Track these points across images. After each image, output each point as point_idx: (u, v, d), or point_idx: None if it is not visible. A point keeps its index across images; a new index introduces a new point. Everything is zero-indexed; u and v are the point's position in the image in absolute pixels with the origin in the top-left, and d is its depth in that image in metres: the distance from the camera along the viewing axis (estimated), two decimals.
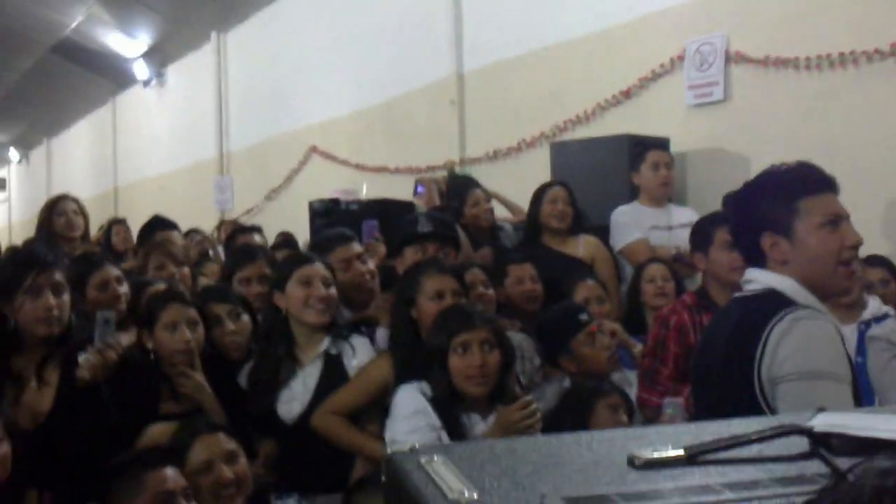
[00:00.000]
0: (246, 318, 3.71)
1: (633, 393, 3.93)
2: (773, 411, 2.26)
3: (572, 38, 7.29)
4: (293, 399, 3.48)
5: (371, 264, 4.02)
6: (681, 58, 6.39)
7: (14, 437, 2.86)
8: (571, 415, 3.45)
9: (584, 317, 3.92)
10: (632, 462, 1.16)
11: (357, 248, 3.99)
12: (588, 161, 6.18)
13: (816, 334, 2.31)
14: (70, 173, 19.42)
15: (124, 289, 3.91)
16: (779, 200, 2.42)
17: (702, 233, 3.96)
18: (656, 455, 1.16)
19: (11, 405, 3.12)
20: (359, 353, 3.53)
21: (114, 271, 3.95)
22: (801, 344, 2.27)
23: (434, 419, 3.06)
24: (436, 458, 1.18)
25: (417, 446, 1.23)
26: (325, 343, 3.53)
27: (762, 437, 1.23)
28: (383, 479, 1.24)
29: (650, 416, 3.87)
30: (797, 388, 2.24)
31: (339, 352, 3.54)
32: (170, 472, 2.69)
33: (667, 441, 1.21)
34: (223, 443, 2.93)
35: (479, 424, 3.11)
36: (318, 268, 3.58)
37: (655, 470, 1.14)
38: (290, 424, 3.47)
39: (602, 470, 1.16)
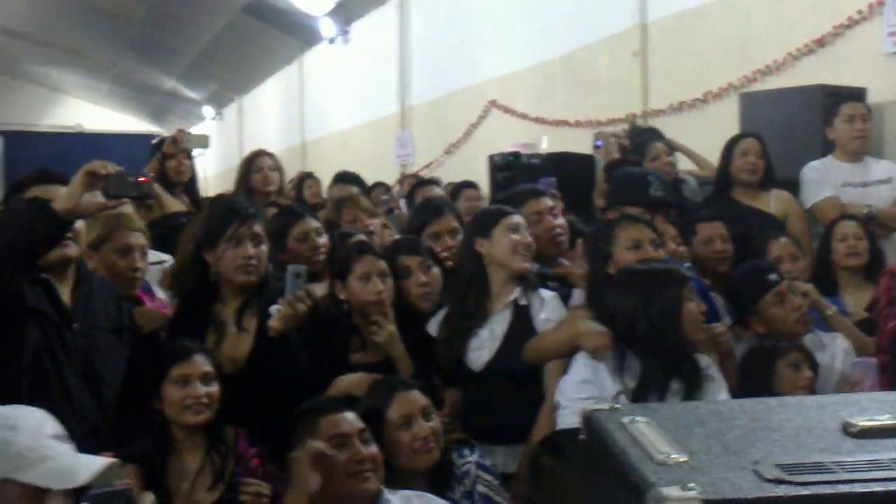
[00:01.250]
0: (436, 270, 3.74)
1: (826, 355, 3.77)
2: None
3: None
4: (481, 347, 3.51)
5: (561, 219, 4.00)
6: (880, 2, 6.04)
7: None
8: (752, 377, 3.40)
9: (773, 276, 3.80)
10: (846, 429, 1.11)
11: (548, 202, 3.99)
12: (779, 113, 5.94)
13: None
14: (261, 129, 20.08)
15: (323, 240, 4.02)
16: None
17: None
18: (873, 423, 1.10)
19: (213, 351, 3.27)
20: (547, 307, 3.52)
21: (313, 223, 4.06)
22: None
23: (609, 387, 3.02)
24: (638, 418, 1.16)
25: (619, 406, 1.21)
26: (516, 293, 3.53)
27: None
28: (582, 436, 1.23)
29: None
30: None
31: (527, 303, 3.53)
32: (345, 415, 2.82)
33: (881, 409, 1.15)
34: (419, 399, 3.01)
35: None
36: (520, 218, 3.61)
37: (872, 439, 1.08)
38: (475, 372, 3.50)
39: (814, 437, 1.11)
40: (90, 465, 2.06)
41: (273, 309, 3.19)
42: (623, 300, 3.14)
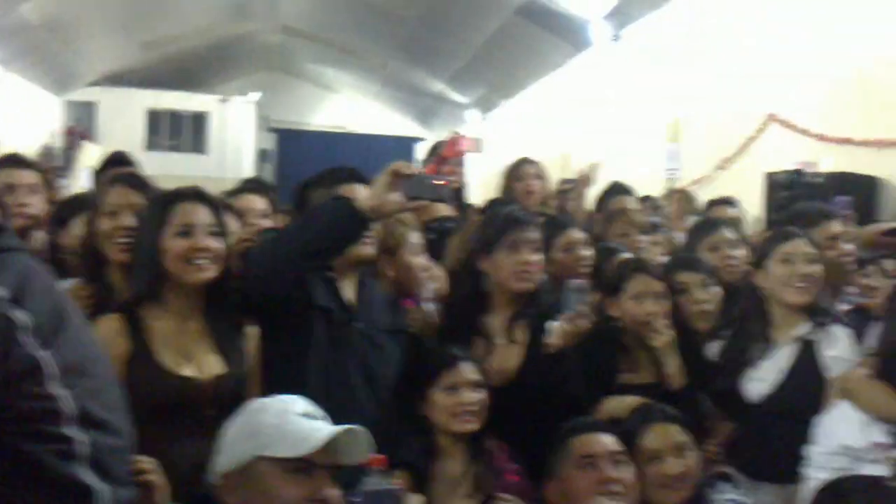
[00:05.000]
0: (716, 289, 3.65)
1: None
2: None
3: None
4: (761, 379, 3.37)
5: (852, 245, 3.76)
6: None
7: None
8: None
9: None
10: None
11: (841, 226, 3.78)
12: None
13: None
14: (524, 135, 20.14)
15: (589, 252, 3.94)
16: None
17: None
18: None
19: (482, 360, 3.23)
20: (839, 344, 3.31)
21: (578, 234, 4.01)
22: None
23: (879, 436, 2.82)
24: None
25: None
26: (805, 327, 3.35)
27: None
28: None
29: None
30: None
31: (816, 338, 3.34)
32: (598, 436, 2.81)
33: None
34: (675, 435, 2.91)
35: None
36: (801, 244, 3.39)
37: None
38: (753, 404, 3.36)
39: None
40: (325, 431, 2.14)
41: (553, 325, 3.15)
42: None
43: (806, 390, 3.29)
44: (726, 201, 5.59)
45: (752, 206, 8.07)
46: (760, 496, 3.23)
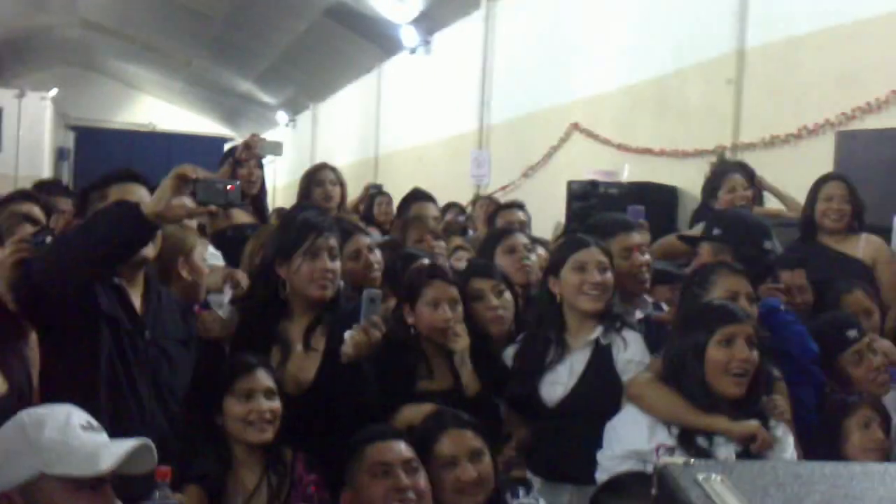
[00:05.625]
0: (509, 294, 3.67)
1: None
2: None
3: (872, 16, 6.63)
4: (557, 382, 3.40)
5: (648, 255, 3.83)
6: None
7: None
8: (821, 434, 3.30)
9: (852, 333, 3.66)
10: None
11: (638, 238, 3.82)
12: (877, 155, 5.68)
13: None
14: (334, 139, 20.06)
15: (376, 257, 3.94)
16: None
17: None
18: None
19: (277, 370, 3.20)
20: (630, 348, 3.39)
21: (365, 240, 3.99)
22: None
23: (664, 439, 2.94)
24: (714, 476, 1.14)
25: (693, 461, 1.19)
26: (597, 331, 3.41)
27: None
28: (654, 490, 1.20)
29: None
30: None
31: (609, 342, 3.41)
32: (392, 444, 2.82)
33: None
34: (470, 440, 2.93)
35: (721, 447, 2.92)
36: (593, 253, 3.45)
37: None
38: (549, 407, 3.40)
39: None
40: (115, 451, 2.10)
41: (347, 334, 3.14)
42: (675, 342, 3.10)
43: (601, 393, 3.35)
44: (514, 205, 5.68)
45: (556, 214, 8.26)
46: (560, 498, 3.28)
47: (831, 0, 7.04)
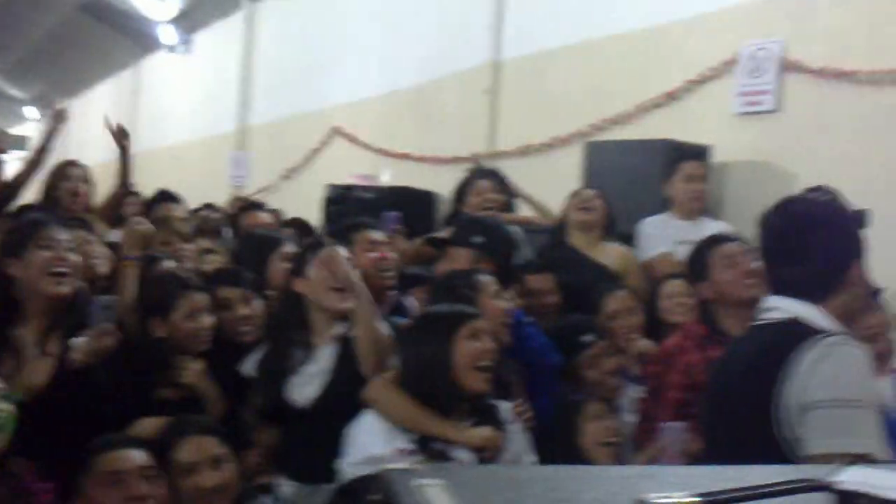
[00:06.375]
0: (258, 302, 3.62)
1: None
2: (789, 444, 2.25)
3: (620, 32, 6.96)
4: (307, 383, 3.35)
5: (394, 254, 3.86)
6: (732, 62, 6.07)
7: None
8: (557, 435, 3.36)
9: (587, 338, 3.78)
10: None
11: (376, 234, 3.83)
12: (623, 165, 5.89)
13: (854, 361, 2.31)
14: (88, 136, 19.21)
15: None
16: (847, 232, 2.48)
17: (699, 261, 3.61)
18: (666, 500, 1.08)
19: (10, 375, 3.00)
20: None
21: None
22: (839, 370, 2.26)
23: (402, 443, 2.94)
24: (433, 481, 1.15)
25: (418, 467, 1.21)
26: (342, 327, 3.38)
27: (784, 490, 1.15)
28: (373, 496, 1.21)
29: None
30: (830, 416, 2.23)
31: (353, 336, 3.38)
32: (124, 453, 2.75)
33: (678, 484, 1.14)
34: (210, 447, 2.89)
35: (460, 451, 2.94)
36: (337, 252, 3.42)
37: None
38: (303, 408, 3.34)
39: None
40: None
41: (77, 341, 3.04)
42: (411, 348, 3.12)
43: (350, 389, 3.27)
44: (257, 205, 5.66)
45: (315, 216, 8.17)
46: (316, 499, 3.18)
47: (582, 16, 7.32)
